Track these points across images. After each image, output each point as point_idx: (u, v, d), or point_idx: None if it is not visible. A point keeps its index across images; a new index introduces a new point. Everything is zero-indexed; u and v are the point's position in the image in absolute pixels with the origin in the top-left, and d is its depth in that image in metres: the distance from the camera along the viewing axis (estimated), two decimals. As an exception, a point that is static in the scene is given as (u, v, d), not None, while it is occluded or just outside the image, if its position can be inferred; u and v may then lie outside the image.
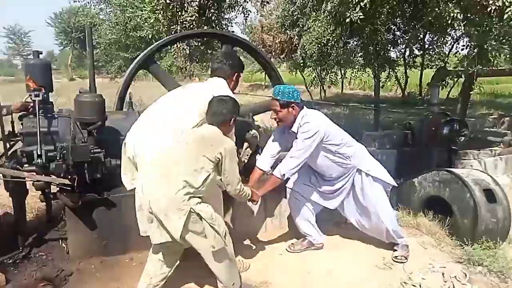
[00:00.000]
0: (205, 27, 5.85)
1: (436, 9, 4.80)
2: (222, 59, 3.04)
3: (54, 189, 3.25)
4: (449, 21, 4.63)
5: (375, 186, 3.27)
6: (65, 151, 2.97)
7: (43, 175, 3.01)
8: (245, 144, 3.50)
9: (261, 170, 3.21)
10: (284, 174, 3.03)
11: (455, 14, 4.61)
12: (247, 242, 3.62)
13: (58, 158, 3.01)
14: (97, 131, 3.15)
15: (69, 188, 3.01)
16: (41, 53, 3.30)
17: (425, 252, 3.47)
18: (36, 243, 3.40)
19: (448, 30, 8.18)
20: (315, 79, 12.42)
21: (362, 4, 4.05)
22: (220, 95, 2.69)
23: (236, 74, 3.08)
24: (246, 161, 3.48)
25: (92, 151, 2.98)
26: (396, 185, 3.45)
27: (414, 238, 3.68)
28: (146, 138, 2.70)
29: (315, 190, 3.40)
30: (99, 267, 3.14)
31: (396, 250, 3.38)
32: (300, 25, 10.99)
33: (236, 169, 2.57)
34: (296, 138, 3.06)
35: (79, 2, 12.38)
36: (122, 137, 3.34)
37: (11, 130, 3.25)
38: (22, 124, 3.21)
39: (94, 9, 13.43)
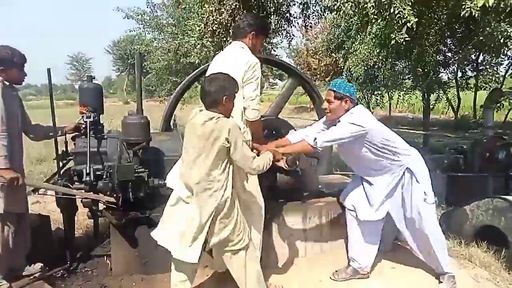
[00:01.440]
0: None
1: (488, 29, 4.60)
2: (239, 22, 2.99)
3: (101, 206, 3.40)
4: (502, 41, 4.42)
5: (420, 193, 3.06)
6: (111, 170, 3.11)
7: (91, 193, 3.17)
8: None
9: (288, 140, 3.18)
10: (315, 141, 2.91)
11: (509, 33, 4.39)
12: (283, 268, 3.53)
13: (105, 176, 3.17)
14: (142, 152, 3.28)
15: (114, 206, 3.14)
16: (94, 78, 3.52)
17: (478, 286, 3.22)
18: (83, 258, 3.54)
19: (502, 50, 7.80)
20: (360, 101, 12.22)
21: (408, 25, 3.96)
22: (214, 73, 2.56)
23: (252, 33, 2.93)
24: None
25: (136, 170, 3.09)
26: (430, 202, 3.11)
27: (465, 270, 3.43)
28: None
29: (365, 201, 3.22)
30: (140, 284, 3.20)
31: (441, 282, 3.17)
32: (346, 48, 10.97)
33: (245, 150, 2.42)
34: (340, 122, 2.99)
35: (134, 30, 13.26)
36: (166, 157, 3.49)
37: (64, 150, 3.46)
38: (74, 144, 3.42)
39: (148, 37, 14.23)
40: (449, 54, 10.02)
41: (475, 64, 11.54)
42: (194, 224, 2.40)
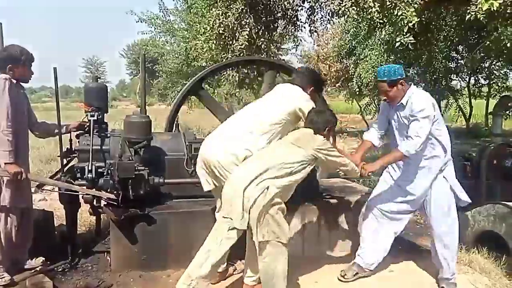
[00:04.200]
0: (256, 55, 6.05)
1: (495, 33, 4.57)
2: (302, 71, 3.28)
3: (103, 203, 3.47)
4: (508, 44, 4.37)
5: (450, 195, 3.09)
6: (112, 168, 3.18)
7: (93, 189, 3.25)
8: None
9: (371, 143, 3.27)
10: (407, 151, 2.93)
11: (516, 37, 4.36)
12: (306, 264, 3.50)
13: (106, 174, 3.24)
14: (144, 150, 3.34)
15: (114, 203, 3.20)
16: (99, 78, 3.61)
17: (477, 293, 3.20)
18: (84, 254, 3.60)
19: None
20: (368, 107, 12.20)
21: (410, 25, 3.96)
22: (320, 108, 3.00)
23: (312, 88, 3.14)
24: None
25: (136, 168, 3.15)
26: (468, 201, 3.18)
27: (464, 276, 3.41)
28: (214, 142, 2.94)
29: (394, 199, 3.23)
30: (137, 280, 3.24)
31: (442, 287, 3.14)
32: (356, 54, 10.98)
33: (336, 158, 2.81)
34: (403, 112, 3.01)
35: (147, 33, 13.46)
36: (167, 156, 3.55)
37: (69, 147, 3.54)
38: (78, 142, 3.50)
39: (160, 40, 14.41)
40: (462, 62, 9.95)
41: (487, 72, 11.41)
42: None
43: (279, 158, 2.64)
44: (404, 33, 4.11)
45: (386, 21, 4.86)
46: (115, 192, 3.18)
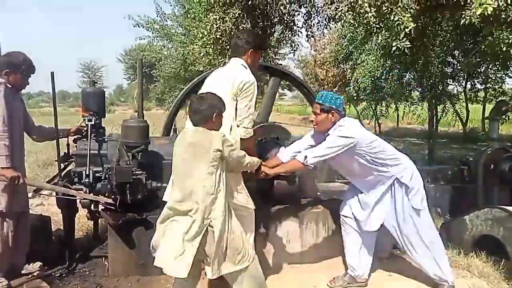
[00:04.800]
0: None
1: (490, 38, 4.60)
2: (236, 39, 3.03)
3: (100, 208, 3.45)
4: (504, 48, 4.40)
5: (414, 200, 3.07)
6: (110, 172, 3.17)
7: (91, 194, 3.24)
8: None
9: (280, 159, 3.16)
10: (306, 159, 2.91)
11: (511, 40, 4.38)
12: (282, 271, 3.54)
13: (103, 178, 3.23)
14: (141, 155, 3.33)
15: (112, 207, 3.19)
16: (96, 83, 3.62)
17: (475, 296, 3.19)
18: (81, 259, 3.59)
19: (509, 63, 7.77)
20: (365, 110, 12.26)
21: (407, 30, 3.98)
22: (203, 92, 2.68)
23: (250, 50, 2.96)
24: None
25: (134, 172, 3.14)
26: (416, 207, 3.09)
27: (463, 280, 3.40)
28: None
29: (361, 211, 3.22)
30: (135, 285, 3.23)
31: (440, 292, 3.14)
32: (353, 59, 11.03)
33: (237, 152, 2.53)
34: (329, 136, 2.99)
35: (144, 38, 13.49)
36: (164, 160, 3.54)
37: (66, 152, 3.53)
38: (75, 146, 3.50)
39: (158, 45, 14.43)
40: (458, 67, 9.99)
41: (483, 76, 11.47)
42: (185, 237, 2.35)
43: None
44: (401, 38, 4.12)
45: (382, 26, 4.89)
46: (112, 196, 3.17)
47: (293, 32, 6.73)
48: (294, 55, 9.60)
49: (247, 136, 2.83)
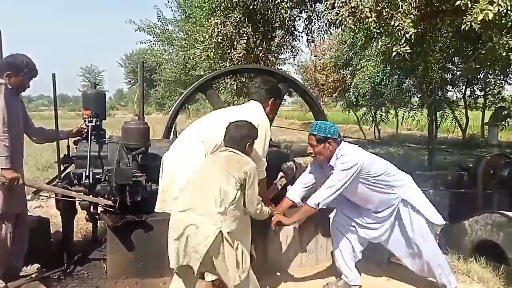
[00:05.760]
0: (253, 64, 6.09)
1: (490, 43, 4.62)
2: (259, 85, 3.17)
3: (100, 209, 3.44)
4: (504, 53, 4.41)
5: (419, 221, 3.07)
6: (110, 174, 3.17)
7: (90, 196, 3.23)
8: (280, 174, 3.51)
9: (291, 200, 3.16)
10: (318, 204, 2.95)
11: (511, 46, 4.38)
12: (278, 276, 3.52)
13: (103, 180, 3.23)
14: (141, 157, 3.33)
15: (111, 209, 3.19)
16: (98, 85, 3.62)
17: (475, 302, 3.18)
18: (80, 261, 3.57)
19: (509, 70, 7.80)
20: (365, 116, 12.28)
21: (407, 36, 4.00)
22: (239, 120, 2.74)
23: (272, 99, 3.15)
24: (279, 189, 3.47)
25: (134, 174, 3.14)
26: (439, 223, 3.16)
27: (463, 285, 3.40)
28: (175, 156, 2.88)
29: (357, 221, 3.24)
30: (133, 288, 3.22)
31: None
32: (353, 64, 11.07)
33: (256, 189, 2.58)
34: (333, 170, 3.00)
35: (145, 43, 13.53)
36: (165, 163, 3.53)
37: (66, 153, 3.53)
38: (76, 148, 3.50)
39: (159, 49, 14.46)
40: (458, 73, 10.04)
41: (483, 83, 11.52)
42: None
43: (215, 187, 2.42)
44: (401, 43, 4.14)
45: (382, 31, 4.91)
46: (112, 198, 3.17)
47: (293, 37, 6.77)
48: (294, 60, 9.62)
49: (261, 177, 2.85)
